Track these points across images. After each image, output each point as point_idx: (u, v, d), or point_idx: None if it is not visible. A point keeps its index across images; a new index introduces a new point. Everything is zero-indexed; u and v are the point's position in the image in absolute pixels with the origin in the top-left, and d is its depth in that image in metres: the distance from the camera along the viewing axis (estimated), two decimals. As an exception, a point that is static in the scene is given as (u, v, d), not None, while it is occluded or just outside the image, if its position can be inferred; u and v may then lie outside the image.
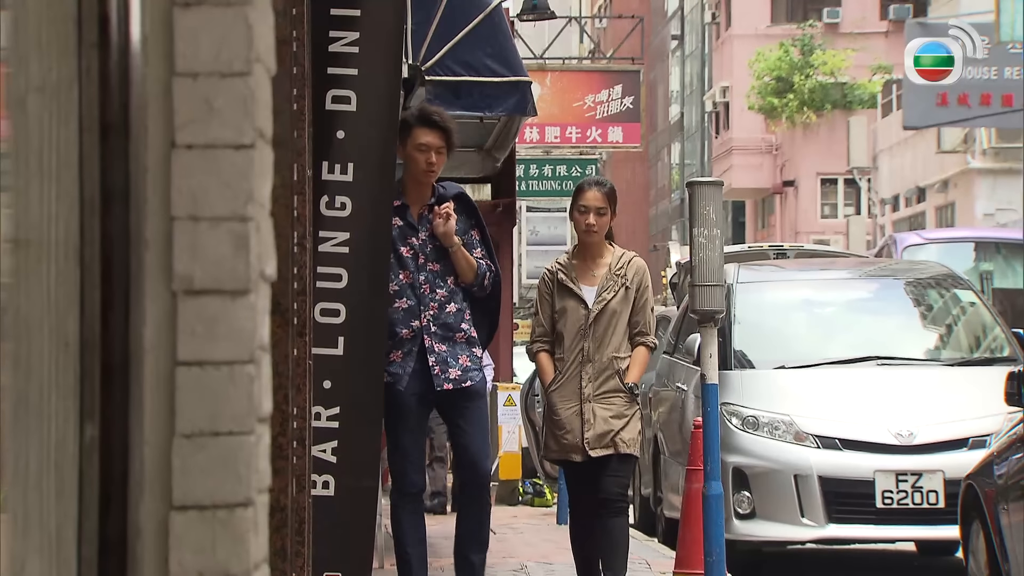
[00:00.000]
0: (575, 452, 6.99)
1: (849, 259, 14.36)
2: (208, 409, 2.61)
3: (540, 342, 7.15)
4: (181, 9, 2.61)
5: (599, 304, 7.02)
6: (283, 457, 3.85)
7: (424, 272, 6.52)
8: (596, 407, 6.98)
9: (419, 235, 6.55)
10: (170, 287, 2.61)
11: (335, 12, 5.27)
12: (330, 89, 5.30)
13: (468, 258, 6.53)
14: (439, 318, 6.52)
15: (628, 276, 7.09)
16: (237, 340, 2.62)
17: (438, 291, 6.53)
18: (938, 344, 10.48)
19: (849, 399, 9.43)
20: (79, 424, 2.51)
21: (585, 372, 7.00)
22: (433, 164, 6.46)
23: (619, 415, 6.99)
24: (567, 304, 7.06)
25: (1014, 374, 7.15)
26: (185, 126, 2.61)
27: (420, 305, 6.50)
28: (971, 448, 8.82)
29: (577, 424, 6.97)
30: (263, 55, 2.69)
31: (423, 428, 6.66)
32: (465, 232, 6.59)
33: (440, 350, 6.51)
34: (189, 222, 2.61)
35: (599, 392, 7.00)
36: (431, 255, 6.54)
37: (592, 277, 7.11)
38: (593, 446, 6.96)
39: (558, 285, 7.12)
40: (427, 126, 6.45)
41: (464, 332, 6.55)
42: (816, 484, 9.03)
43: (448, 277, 6.54)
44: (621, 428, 6.97)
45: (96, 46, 2.51)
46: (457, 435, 6.58)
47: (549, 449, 7.10)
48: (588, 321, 7.01)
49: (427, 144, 6.43)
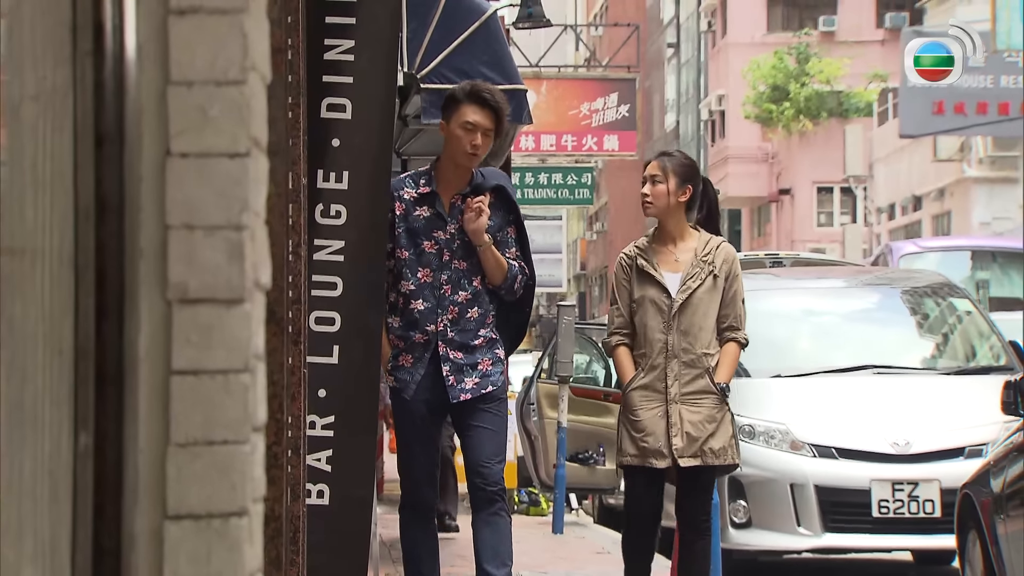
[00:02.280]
0: (657, 458, 6.30)
1: (845, 268, 14.36)
2: (203, 418, 2.60)
3: (619, 334, 6.43)
4: (176, 17, 2.61)
5: (684, 293, 6.33)
6: (278, 466, 3.84)
7: (447, 271, 5.90)
8: (683, 409, 6.30)
9: (448, 228, 5.91)
10: (165, 296, 2.61)
11: (330, 20, 5.27)
12: (325, 97, 5.30)
13: (498, 258, 5.90)
14: (458, 323, 5.91)
15: (716, 263, 6.37)
16: (232, 349, 2.61)
17: (460, 293, 5.91)
18: (934, 353, 10.48)
19: (845, 408, 9.43)
20: (73, 432, 2.50)
21: (670, 369, 6.30)
22: (478, 147, 5.84)
23: (709, 419, 6.30)
24: (647, 292, 6.36)
25: (1010, 383, 7.15)
26: (180, 134, 2.61)
27: (438, 308, 5.89)
28: (967, 457, 8.82)
29: (661, 427, 6.29)
30: (258, 63, 2.69)
31: (435, 437, 6.07)
32: (500, 229, 5.97)
33: (456, 358, 5.91)
34: (184, 231, 2.61)
35: (686, 392, 6.31)
36: (458, 251, 5.91)
37: (675, 263, 6.39)
38: (683, 453, 6.29)
39: (637, 271, 6.41)
40: (477, 103, 5.86)
41: (484, 337, 5.94)
42: (812, 493, 9.03)
43: (475, 277, 5.92)
44: (710, 435, 6.30)
45: (91, 54, 2.51)
46: (468, 439, 5.97)
47: (624, 453, 6.37)
48: (672, 312, 6.32)
49: (474, 123, 5.83)
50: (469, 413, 5.94)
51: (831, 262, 16.53)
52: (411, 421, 5.96)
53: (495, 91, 5.96)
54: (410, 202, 5.94)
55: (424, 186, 5.94)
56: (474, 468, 5.94)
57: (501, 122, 5.91)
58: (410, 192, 5.95)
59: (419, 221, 5.90)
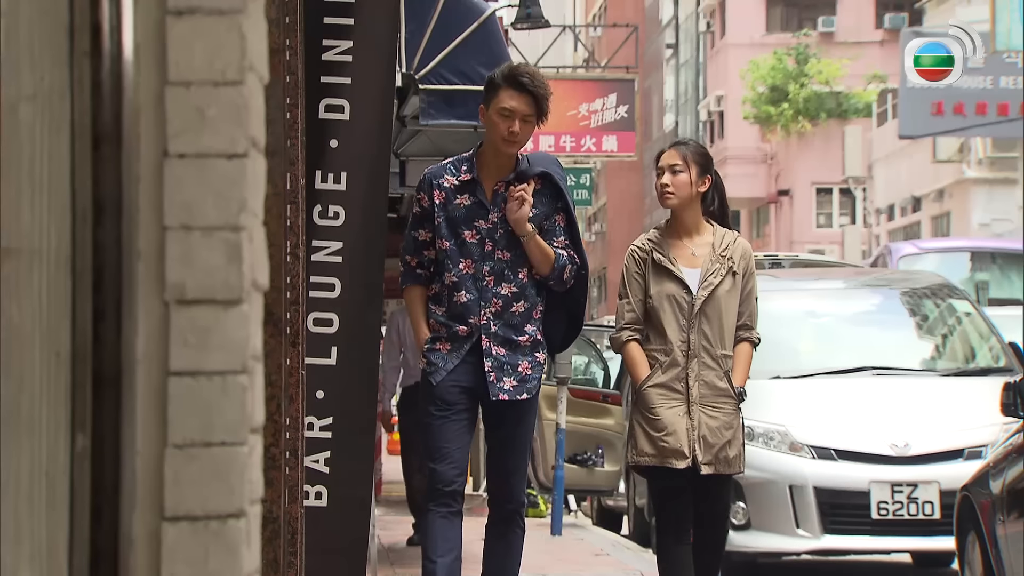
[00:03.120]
0: (677, 458, 5.99)
1: (845, 269, 14.35)
2: (200, 419, 2.60)
3: (630, 330, 6.10)
4: (174, 18, 2.60)
5: (705, 290, 6.04)
6: (276, 468, 3.84)
7: (491, 261, 5.62)
8: (703, 413, 6.02)
9: (490, 216, 5.63)
10: (162, 297, 2.60)
11: (328, 21, 5.27)
12: (323, 98, 5.29)
13: (544, 248, 5.62)
14: (502, 317, 5.62)
15: (735, 259, 6.09)
16: (230, 350, 2.60)
17: (504, 285, 5.63)
18: (934, 354, 10.47)
19: (844, 409, 9.42)
20: (71, 434, 2.49)
21: (691, 370, 6.01)
22: (516, 134, 5.55)
23: (726, 426, 6.05)
24: (665, 288, 6.05)
25: (1010, 384, 7.14)
26: (178, 135, 2.60)
27: (481, 300, 5.60)
28: (967, 459, 8.81)
29: (682, 427, 5.99)
30: (256, 64, 2.68)
31: (464, 420, 5.63)
32: (547, 217, 5.68)
33: (499, 354, 5.61)
34: (181, 232, 2.60)
35: (706, 394, 6.03)
36: (501, 241, 5.63)
37: (692, 257, 6.10)
38: (704, 459, 6.00)
39: (653, 265, 6.08)
40: (515, 88, 5.57)
41: (529, 335, 5.64)
42: (811, 495, 9.02)
43: (520, 269, 5.63)
44: (727, 443, 6.05)
45: (88, 55, 2.50)
46: (494, 447, 5.73)
47: (641, 453, 6.04)
48: (694, 309, 6.02)
49: (511, 110, 5.55)
50: (500, 418, 5.68)
51: (830, 263, 16.52)
52: (436, 403, 5.60)
53: (535, 74, 5.65)
54: (450, 190, 5.66)
55: (465, 173, 5.66)
56: (496, 481, 5.74)
57: (542, 107, 5.59)
58: (450, 179, 5.68)
59: (460, 210, 5.62)
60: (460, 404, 5.62)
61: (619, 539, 12.07)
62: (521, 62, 5.73)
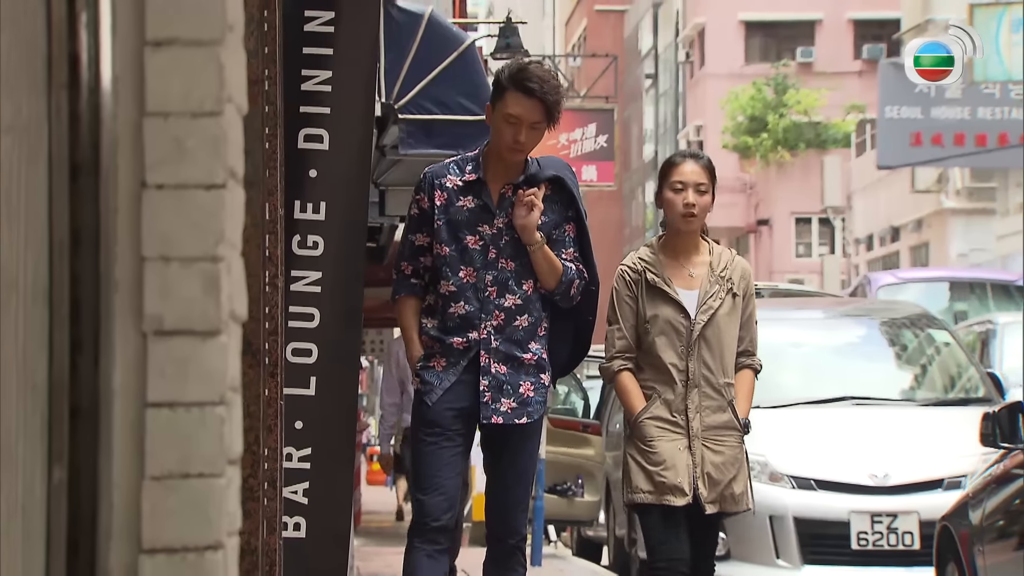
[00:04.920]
0: (676, 494, 5.52)
1: (824, 299, 14.38)
2: (178, 451, 2.58)
3: (621, 358, 5.62)
4: (152, 49, 2.60)
5: (705, 314, 5.56)
6: (254, 499, 3.82)
7: (493, 270, 5.17)
8: (705, 448, 5.56)
9: (496, 221, 5.18)
10: (140, 328, 2.59)
11: (308, 51, 5.27)
12: (303, 128, 5.29)
13: (552, 260, 5.17)
14: (503, 331, 5.16)
15: (735, 280, 5.62)
16: (208, 381, 2.59)
17: (508, 297, 5.17)
18: (913, 384, 10.49)
19: (824, 439, 9.42)
20: (47, 467, 2.48)
21: (691, 400, 5.54)
22: (521, 143, 5.12)
23: (732, 460, 5.61)
24: (661, 311, 5.56)
25: (989, 415, 7.15)
26: (156, 166, 2.60)
27: (482, 312, 5.16)
28: (946, 489, 8.81)
29: (682, 462, 5.52)
30: (235, 94, 2.68)
31: (458, 447, 5.20)
32: (557, 226, 5.22)
33: (498, 372, 5.16)
34: (159, 262, 2.59)
35: (708, 427, 5.58)
36: (506, 249, 5.18)
37: (688, 278, 5.62)
38: (709, 497, 5.55)
39: (647, 287, 5.60)
40: (523, 93, 5.10)
41: (534, 353, 5.18)
42: (791, 525, 9.01)
43: (526, 280, 5.17)
44: (732, 479, 5.61)
45: (66, 86, 2.50)
46: (492, 478, 5.27)
47: (636, 490, 5.57)
48: (693, 335, 5.54)
49: (517, 116, 5.10)
50: (500, 444, 5.23)
51: (810, 293, 16.55)
52: (430, 428, 5.17)
53: (545, 77, 5.14)
54: (453, 191, 5.21)
55: (471, 173, 5.21)
56: (495, 514, 5.26)
57: (552, 113, 5.13)
58: (453, 180, 5.23)
59: (462, 213, 5.18)
60: (455, 428, 5.18)
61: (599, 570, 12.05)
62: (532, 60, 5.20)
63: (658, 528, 5.58)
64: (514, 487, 5.22)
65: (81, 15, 2.49)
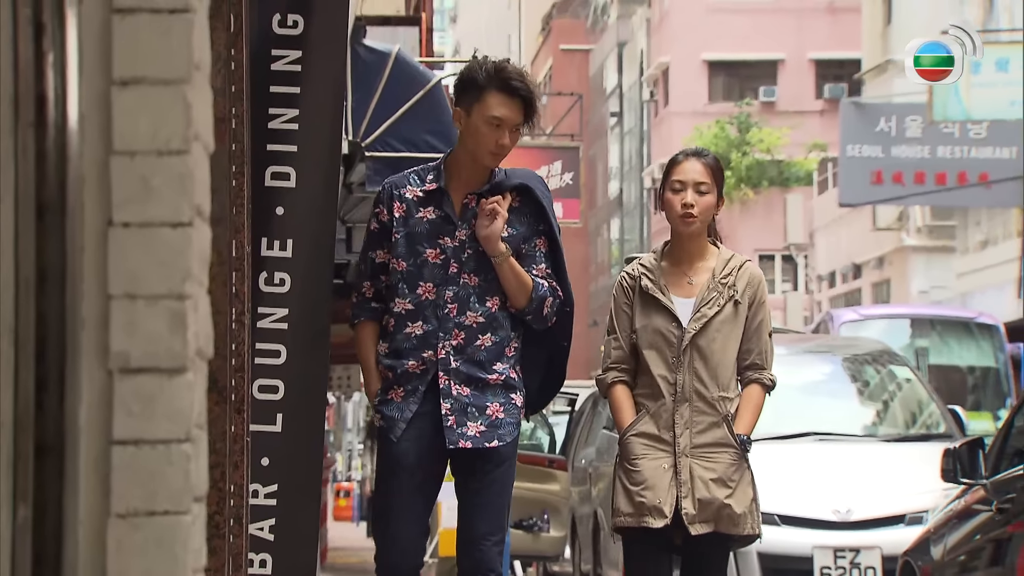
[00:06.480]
0: (655, 516, 5.13)
1: (787, 335, 14.44)
2: (144, 488, 2.59)
3: (616, 370, 5.28)
4: (119, 88, 2.61)
5: (697, 322, 5.19)
6: (220, 536, 3.82)
7: (454, 286, 4.77)
8: (695, 464, 5.15)
9: (457, 233, 4.79)
10: (106, 366, 2.59)
11: (275, 89, 5.29)
12: (270, 165, 5.30)
13: (520, 274, 4.76)
14: (464, 352, 4.74)
15: (739, 287, 5.23)
16: (174, 419, 2.60)
17: (469, 314, 4.76)
18: (875, 420, 10.53)
19: (787, 475, 9.45)
20: (12, 505, 2.48)
21: (679, 415, 5.15)
22: (505, 146, 4.73)
23: (726, 478, 5.16)
24: (652, 321, 5.21)
25: (950, 451, 7.19)
26: (122, 204, 2.61)
27: (440, 331, 4.74)
28: (908, 524, 8.85)
29: (664, 481, 5.14)
30: (201, 133, 2.70)
31: (425, 491, 4.84)
32: (526, 240, 4.83)
33: (460, 395, 4.73)
34: (126, 300, 2.60)
35: (699, 444, 5.17)
36: (469, 263, 4.78)
37: (688, 286, 5.25)
38: (695, 519, 5.12)
39: (641, 294, 5.25)
40: (507, 93, 4.72)
41: (500, 373, 4.76)
42: (755, 560, 9.03)
43: (490, 297, 4.76)
44: (727, 497, 5.15)
45: (33, 125, 2.51)
46: (464, 506, 4.84)
47: (617, 513, 5.22)
48: (682, 345, 5.17)
49: (502, 119, 4.72)
50: (469, 472, 4.80)
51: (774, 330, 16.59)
52: (393, 469, 4.79)
53: (525, 75, 4.78)
54: (413, 202, 4.84)
55: (431, 182, 4.83)
56: (467, 547, 4.82)
57: (532, 114, 4.77)
58: (413, 190, 4.86)
59: (422, 224, 4.80)
60: (421, 470, 4.79)
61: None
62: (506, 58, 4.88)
63: (637, 553, 5.24)
64: (486, 519, 4.77)
65: (48, 54, 2.51)
